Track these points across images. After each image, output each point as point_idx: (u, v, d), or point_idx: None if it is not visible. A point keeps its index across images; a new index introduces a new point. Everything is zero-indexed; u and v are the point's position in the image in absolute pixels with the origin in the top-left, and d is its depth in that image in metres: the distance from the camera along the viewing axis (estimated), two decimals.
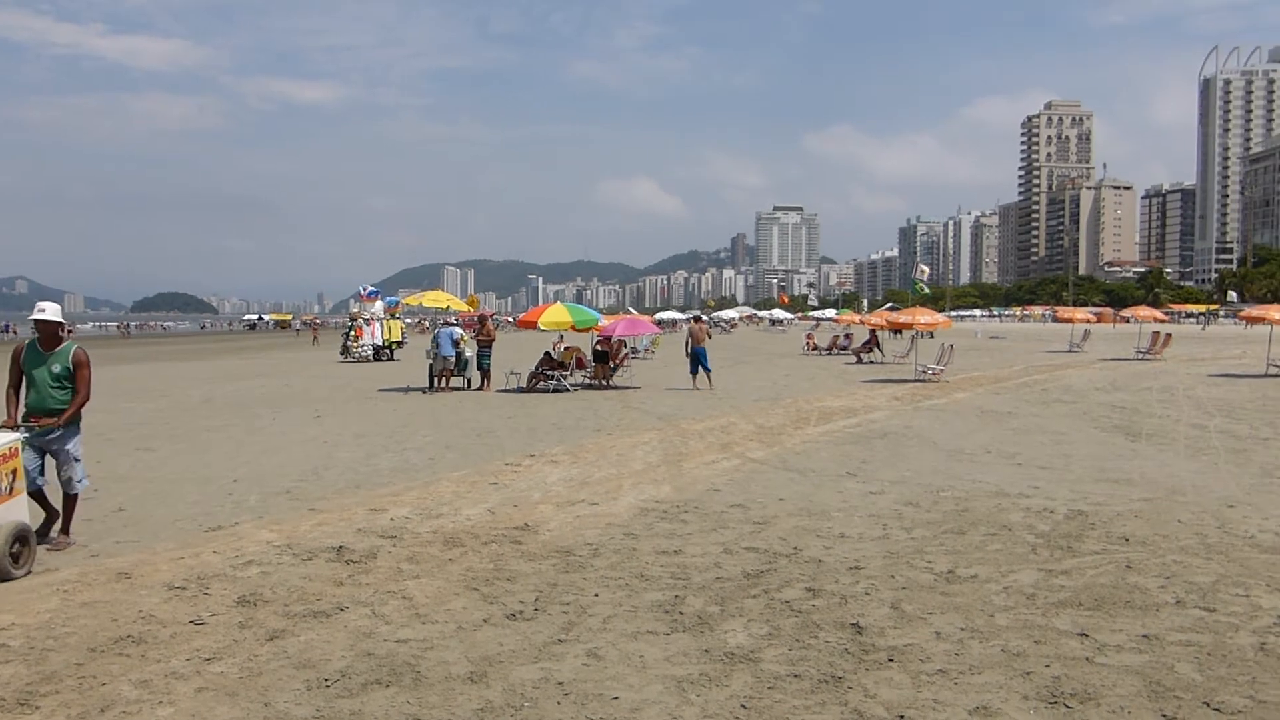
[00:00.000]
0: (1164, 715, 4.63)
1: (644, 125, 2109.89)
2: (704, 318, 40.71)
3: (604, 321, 27.54)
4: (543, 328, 25.58)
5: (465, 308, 34.58)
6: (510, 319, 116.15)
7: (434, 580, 7.10)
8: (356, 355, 39.63)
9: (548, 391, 23.82)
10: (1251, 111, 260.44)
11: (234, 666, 5.39)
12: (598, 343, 26.17)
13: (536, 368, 25.07)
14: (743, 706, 4.80)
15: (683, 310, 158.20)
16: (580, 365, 25.74)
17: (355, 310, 42.58)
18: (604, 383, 25.38)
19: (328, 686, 5.10)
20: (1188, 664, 5.27)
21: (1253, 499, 9.84)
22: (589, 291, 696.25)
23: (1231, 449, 13.43)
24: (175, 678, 5.23)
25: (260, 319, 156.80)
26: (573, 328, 25.52)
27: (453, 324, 26.87)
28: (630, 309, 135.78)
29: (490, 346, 25.66)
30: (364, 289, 42.44)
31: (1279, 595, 6.47)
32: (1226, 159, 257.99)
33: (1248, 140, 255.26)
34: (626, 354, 28.95)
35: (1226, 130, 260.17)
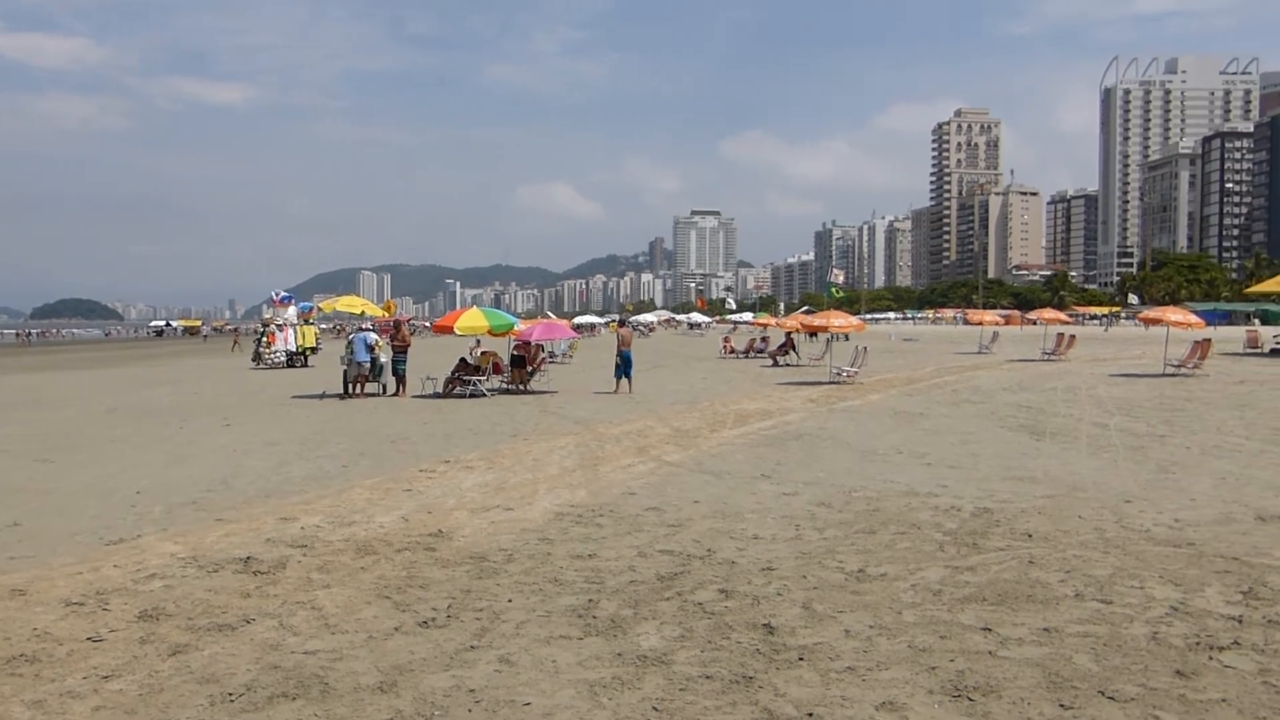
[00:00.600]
0: (1061, 705, 4.76)
1: (563, 130, 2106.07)
2: (627, 322, 40.85)
3: (521, 326, 27.41)
4: (459, 332, 25.36)
5: (380, 313, 34.17)
6: (427, 324, 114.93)
7: (345, 589, 7.00)
8: (269, 362, 38.82)
9: (464, 397, 23.63)
10: (1149, 120, 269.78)
11: (133, 684, 5.24)
12: (515, 347, 26.04)
13: (453, 373, 24.85)
14: (654, 709, 4.82)
15: (601, 314, 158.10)
16: (497, 370, 25.59)
17: (268, 316, 41.64)
18: (521, 387, 25.26)
19: (231, 701, 4.99)
20: (1085, 655, 5.44)
21: (1149, 494, 10.19)
22: (507, 296, 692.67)
23: (1130, 446, 13.88)
24: (71, 697, 5.07)
25: (168, 325, 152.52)
26: (489, 332, 25.34)
27: (368, 329, 26.45)
28: (549, 313, 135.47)
29: (406, 352, 25.38)
30: (276, 294, 41.57)
31: (1171, 587, 6.71)
32: (1127, 166, 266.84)
33: (1146, 148, 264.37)
34: (544, 358, 28.85)
35: (1126, 138, 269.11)
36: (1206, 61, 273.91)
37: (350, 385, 24.33)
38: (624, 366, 24.93)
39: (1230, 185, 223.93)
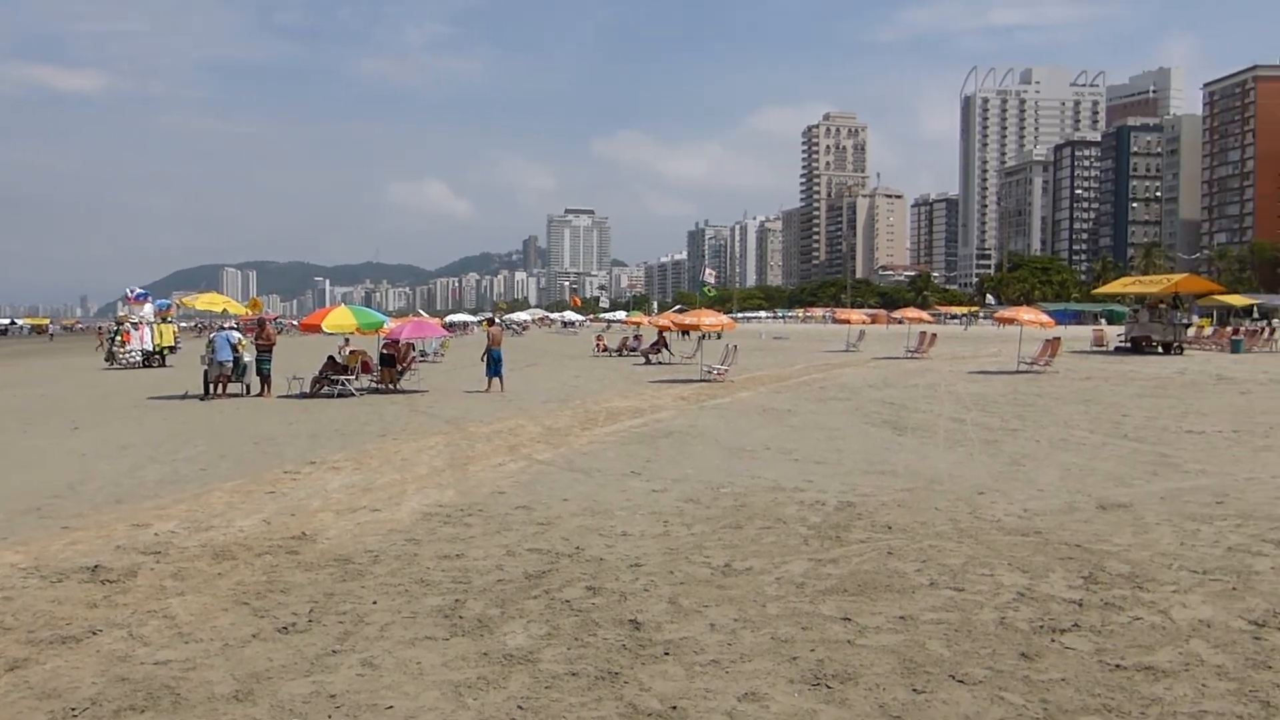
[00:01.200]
0: (914, 689, 4.93)
1: (435, 126, 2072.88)
2: (497, 320, 40.57)
3: (391, 324, 26.96)
4: (327, 331, 24.79)
5: (244, 311, 33.13)
6: (294, 322, 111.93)
7: (200, 596, 6.76)
8: (124, 362, 37.20)
9: (332, 396, 23.10)
10: (1006, 128, 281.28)
11: None
12: (384, 346, 25.58)
13: (320, 372, 24.27)
14: (519, 708, 4.81)
15: (474, 313, 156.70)
16: (366, 369, 25.09)
17: (122, 314, 39.92)
18: (391, 387, 24.83)
19: (75, 716, 4.77)
20: (938, 641, 5.64)
21: (1001, 485, 10.63)
22: (378, 294, 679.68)
23: (985, 440, 14.45)
24: None
25: (12, 323, 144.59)
26: (358, 330, 24.83)
27: (231, 328, 25.62)
28: (421, 311, 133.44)
29: (270, 351, 24.67)
30: (131, 291, 39.87)
31: (1019, 573, 7.01)
32: (985, 171, 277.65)
33: (1003, 154, 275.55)
34: (414, 357, 28.43)
35: (985, 145, 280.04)
36: (1058, 73, 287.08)
37: (212, 386, 23.52)
38: (495, 365, 24.80)
39: (1080, 192, 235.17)
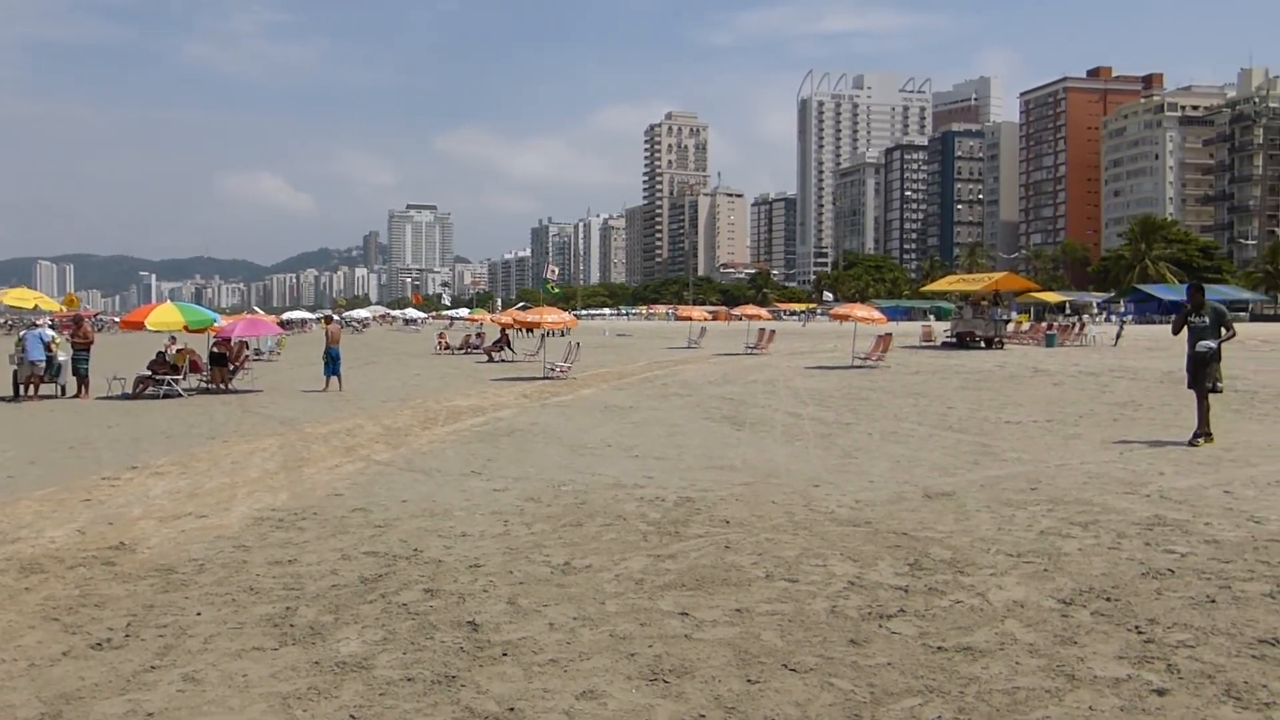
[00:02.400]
0: (749, 680, 5.03)
1: (269, 116, 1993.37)
2: (335, 318, 39.47)
3: (222, 322, 25.91)
4: (150, 328, 23.67)
5: (58, 307, 31.26)
6: (116, 320, 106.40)
7: (4, 614, 6.33)
8: None
9: (157, 397, 22.04)
10: (840, 130, 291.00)
11: None
12: (215, 344, 24.57)
13: (147, 371, 23.12)
14: (351, 717, 4.67)
15: (313, 310, 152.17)
16: (195, 369, 24.04)
17: None
18: (222, 387, 23.87)
19: None
20: (772, 632, 5.77)
21: (834, 478, 10.96)
22: (210, 290, 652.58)
23: (820, 434, 14.89)
24: None
25: None
26: (185, 328, 23.77)
27: (43, 325, 24.10)
28: (256, 308, 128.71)
29: (88, 350, 23.35)
30: None
31: (850, 563, 7.24)
32: (821, 172, 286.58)
33: (838, 156, 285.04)
34: (248, 356, 27.42)
35: (820, 146, 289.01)
36: (888, 79, 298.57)
37: (22, 386, 22.10)
38: (333, 364, 24.16)
39: (909, 193, 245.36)
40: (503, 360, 36.51)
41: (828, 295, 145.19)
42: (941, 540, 7.87)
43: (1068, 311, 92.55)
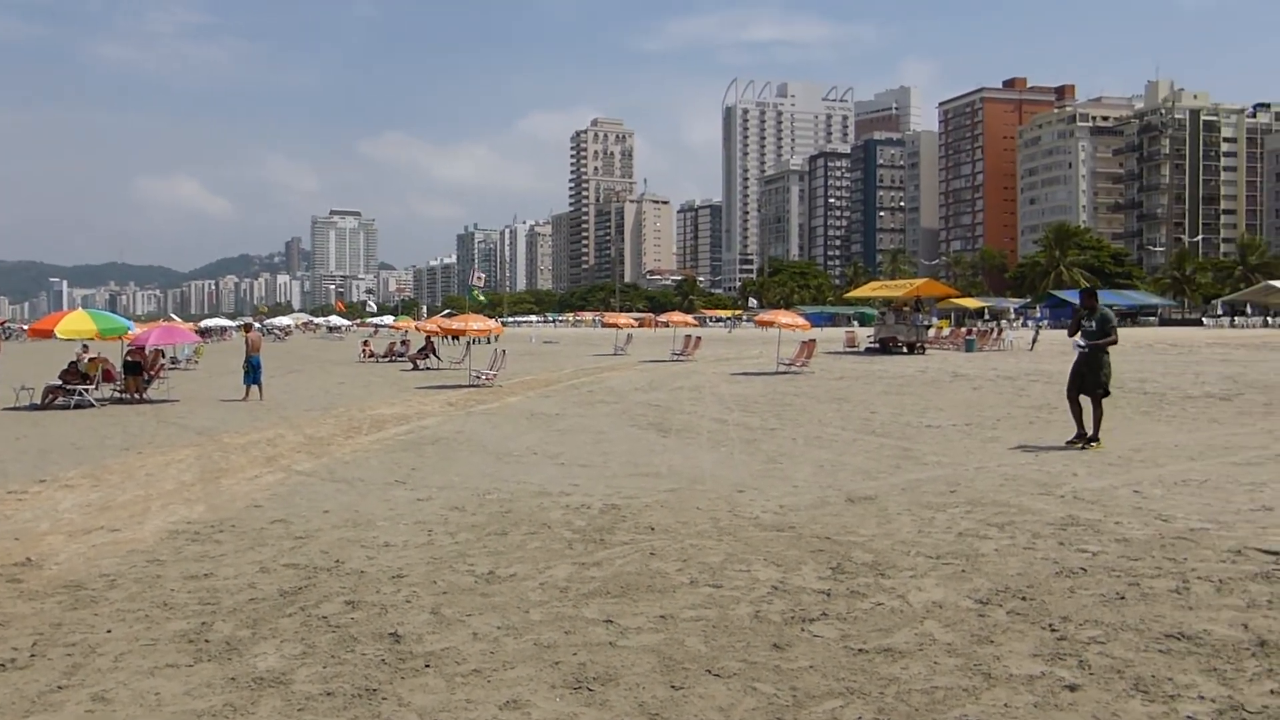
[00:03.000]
0: (673, 686, 5.04)
1: (187, 118, 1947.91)
2: (255, 325, 38.74)
3: (136, 329, 25.29)
4: (61, 337, 23.01)
5: None
6: (24, 327, 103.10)
7: None
8: None
9: (68, 408, 21.41)
10: (765, 138, 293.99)
11: None
12: (129, 353, 23.96)
13: (56, 382, 22.44)
14: None
15: (233, 317, 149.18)
16: (109, 378, 23.41)
17: None
18: (137, 396, 23.27)
19: None
20: (696, 638, 5.79)
21: (759, 484, 11.05)
22: (125, 297, 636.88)
23: (745, 439, 15.00)
24: None
25: None
26: (98, 336, 23.14)
27: None
28: (173, 316, 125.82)
29: None
30: None
31: (774, 568, 7.30)
32: (746, 179, 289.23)
33: (763, 163, 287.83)
34: (163, 365, 26.78)
35: (745, 154, 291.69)
36: (811, 88, 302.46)
37: None
38: (253, 372, 23.70)
39: (832, 200, 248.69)
40: (428, 368, 36.15)
41: (753, 302, 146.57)
42: (863, 544, 7.98)
43: (986, 317, 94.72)
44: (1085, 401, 13.34)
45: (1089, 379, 13.22)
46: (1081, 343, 13.25)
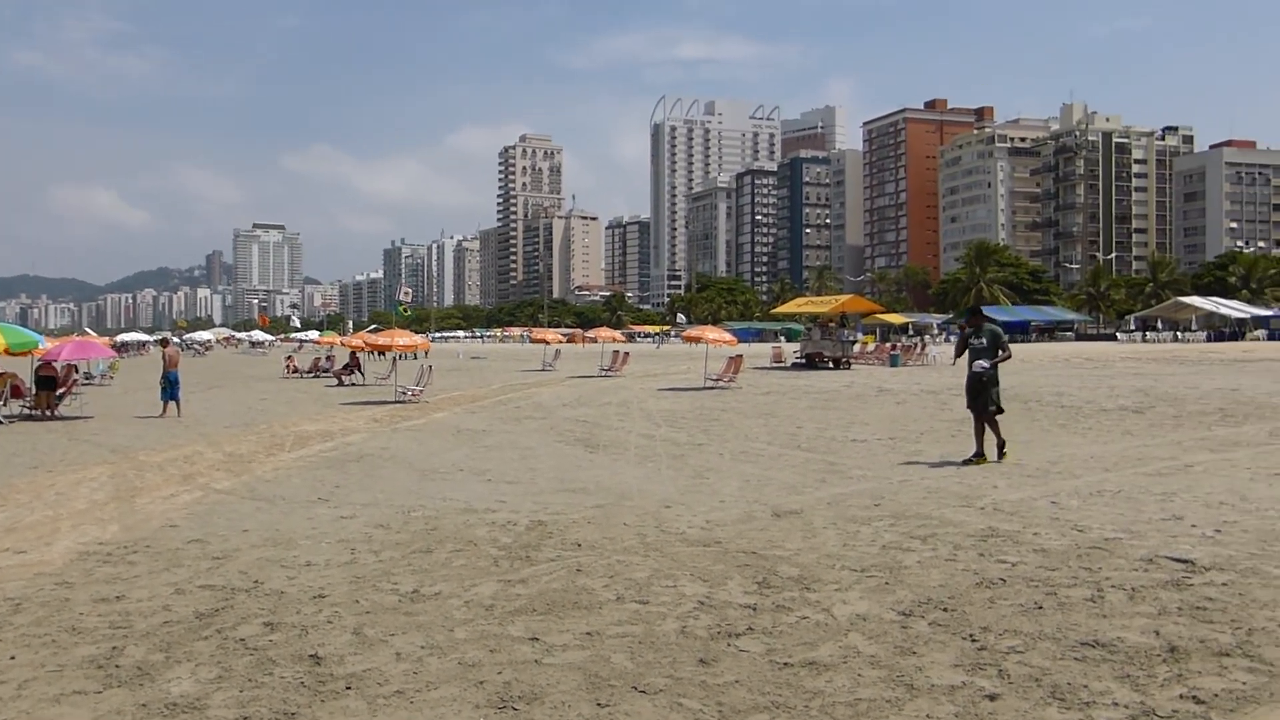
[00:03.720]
0: (599, 704, 5.00)
1: (105, 128, 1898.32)
2: (173, 340, 37.87)
3: (47, 344, 24.55)
4: None
5: None
6: None
7: None
8: None
9: None
10: (693, 155, 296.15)
11: None
12: (40, 368, 23.24)
13: None
14: None
15: (151, 332, 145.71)
16: (17, 394, 22.68)
17: None
18: (48, 413, 22.57)
19: None
20: (622, 654, 5.76)
21: (686, 499, 11.06)
22: (36, 310, 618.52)
23: (672, 455, 15.02)
24: None
25: None
26: (7, 351, 22.42)
27: None
28: (88, 330, 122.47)
29: None
30: None
31: (700, 583, 7.31)
32: (674, 196, 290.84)
33: (690, 180, 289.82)
34: (77, 380, 26.01)
35: (674, 171, 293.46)
36: (738, 106, 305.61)
37: None
38: (171, 388, 23.14)
39: (760, 217, 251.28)
40: (353, 384, 35.65)
41: (681, 317, 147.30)
42: (789, 558, 8.02)
43: (910, 332, 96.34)
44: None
45: (981, 397, 13.29)
46: (985, 364, 13.30)
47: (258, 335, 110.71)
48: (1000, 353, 13.45)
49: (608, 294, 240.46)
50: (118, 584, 7.56)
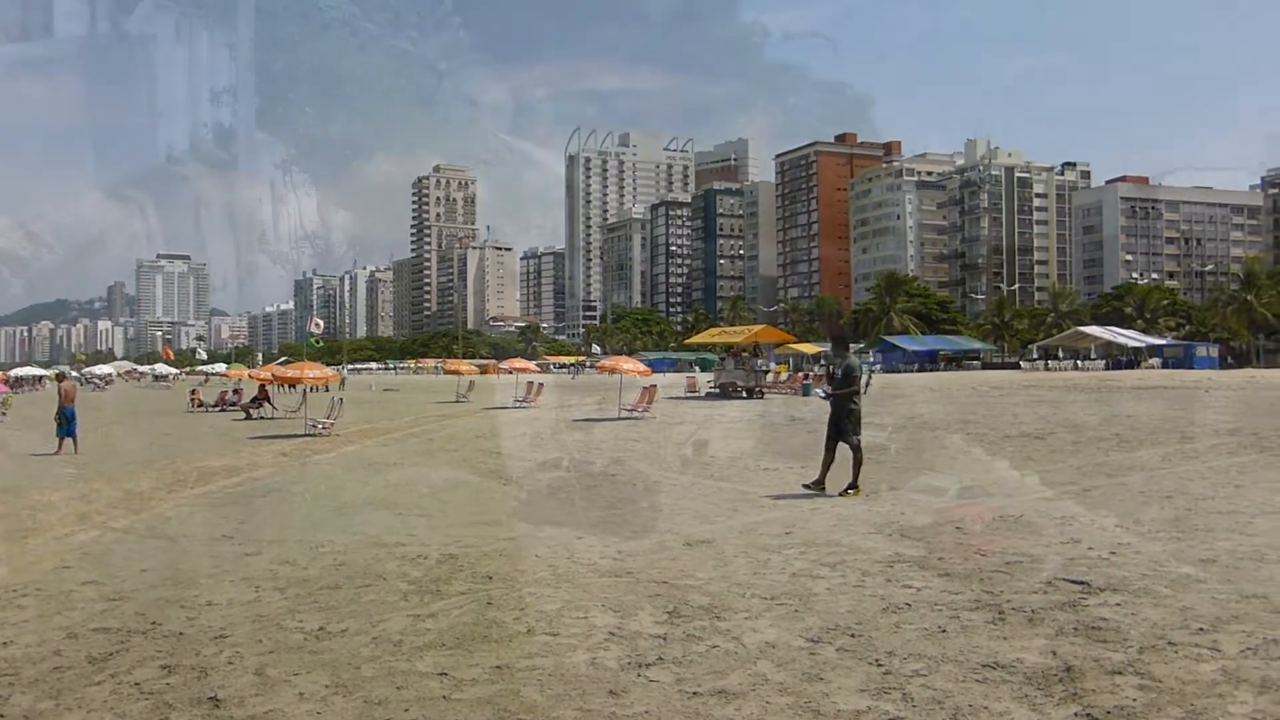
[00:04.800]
0: None
1: None
2: (70, 374, 36.71)
3: None
4: None
5: None
6: None
7: None
8: None
9: None
10: (607, 186, 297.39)
11: None
12: None
13: None
14: None
15: (47, 366, 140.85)
16: None
17: None
18: None
19: None
20: (532, 687, 5.72)
21: (597, 530, 11.04)
22: None
23: (585, 485, 14.99)
24: None
25: None
26: None
27: None
28: None
29: None
30: None
31: (611, 614, 7.29)
32: (589, 227, 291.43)
33: (605, 211, 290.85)
34: None
35: (588, 202, 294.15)
36: (653, 138, 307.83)
37: None
38: (67, 424, 22.35)
39: (674, 248, 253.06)
40: (262, 417, 34.87)
41: (596, 348, 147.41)
42: (700, 587, 8.06)
43: (822, 362, 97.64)
44: (843, 450, 13.26)
45: (842, 428, 13.29)
46: (821, 392, 13.54)
47: (161, 369, 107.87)
48: (848, 385, 13.43)
49: (523, 325, 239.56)
50: (5, 629, 7.26)
